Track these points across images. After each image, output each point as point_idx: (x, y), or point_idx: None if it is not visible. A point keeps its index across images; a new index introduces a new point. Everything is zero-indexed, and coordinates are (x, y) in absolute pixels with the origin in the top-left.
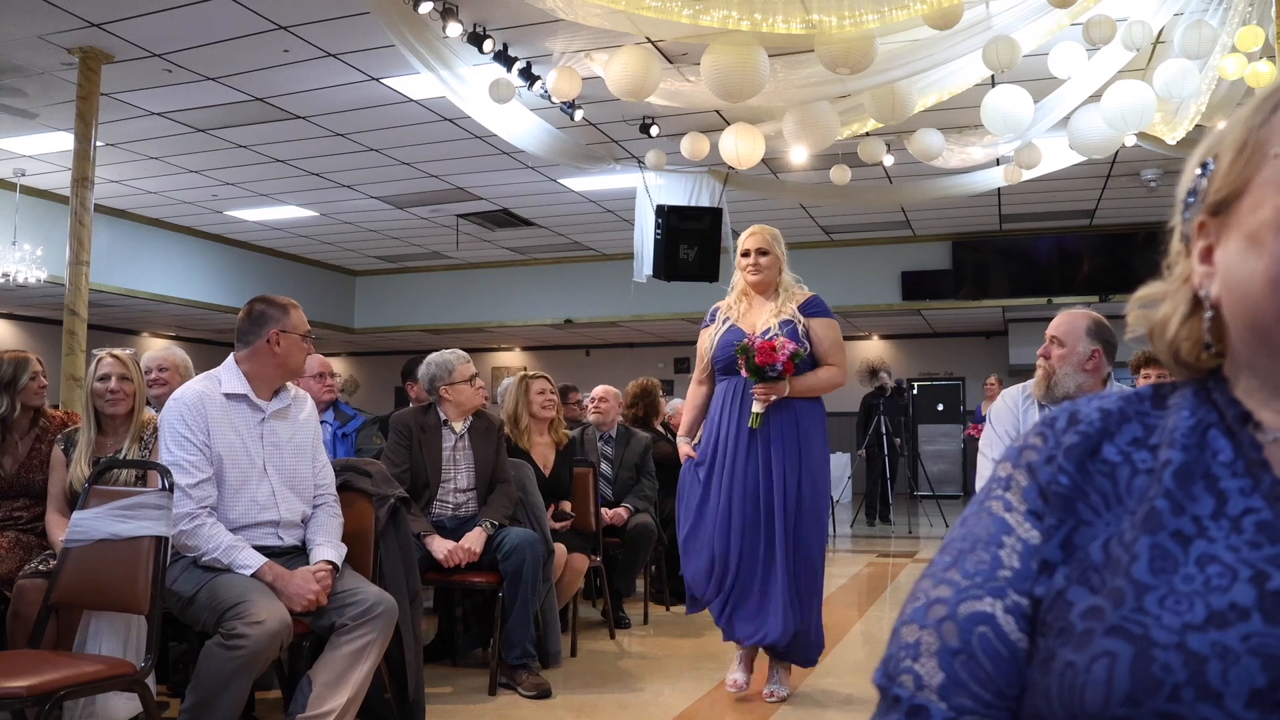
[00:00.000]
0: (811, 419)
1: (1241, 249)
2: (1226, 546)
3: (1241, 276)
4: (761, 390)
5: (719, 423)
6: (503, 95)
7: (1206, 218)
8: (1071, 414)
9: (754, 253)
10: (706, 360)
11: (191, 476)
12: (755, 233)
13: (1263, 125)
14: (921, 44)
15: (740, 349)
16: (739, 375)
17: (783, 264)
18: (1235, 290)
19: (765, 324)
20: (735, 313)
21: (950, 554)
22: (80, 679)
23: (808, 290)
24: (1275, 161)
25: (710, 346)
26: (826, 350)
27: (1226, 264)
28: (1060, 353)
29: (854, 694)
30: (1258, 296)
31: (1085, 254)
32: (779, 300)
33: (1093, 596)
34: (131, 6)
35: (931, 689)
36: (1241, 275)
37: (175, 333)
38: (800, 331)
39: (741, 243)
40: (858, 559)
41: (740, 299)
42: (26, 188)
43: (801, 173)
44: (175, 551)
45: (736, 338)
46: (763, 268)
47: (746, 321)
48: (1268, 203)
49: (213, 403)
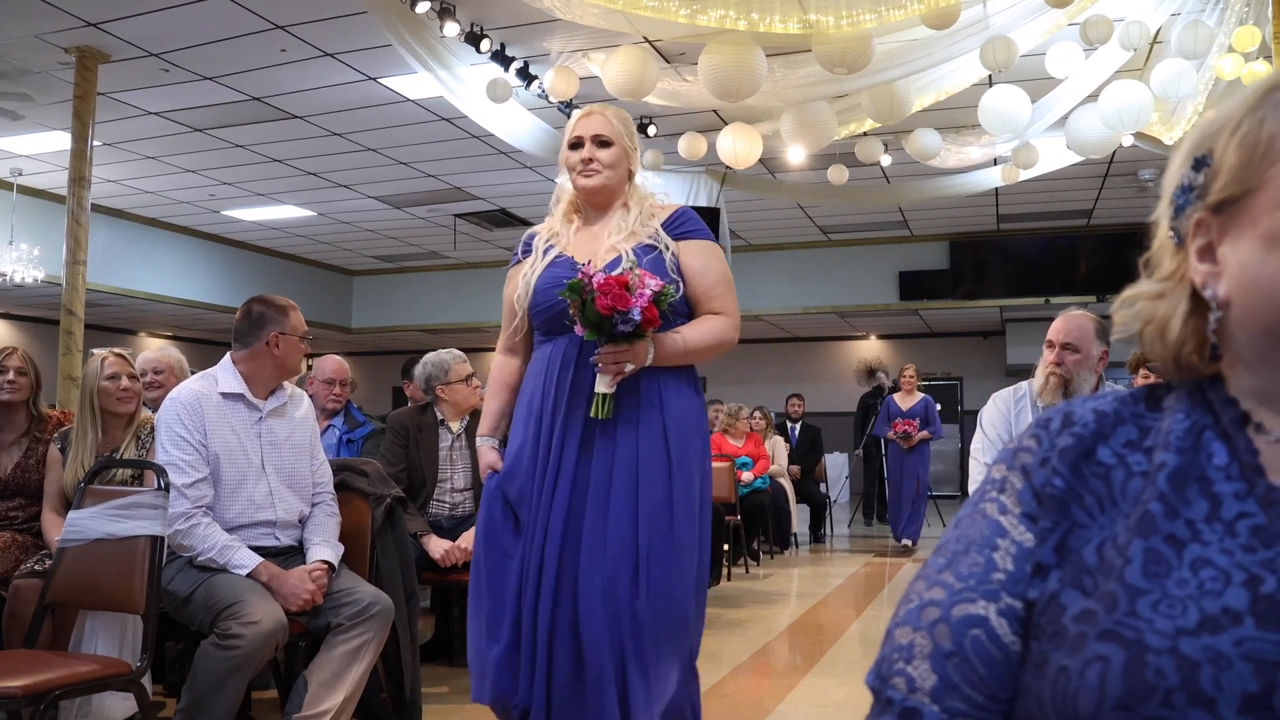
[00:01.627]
0: (684, 402)
1: (1261, 249)
2: (1220, 550)
3: (1262, 278)
4: (610, 356)
5: (539, 412)
6: (500, 95)
7: (1206, 215)
8: (1066, 415)
9: (589, 142)
10: (520, 314)
11: (187, 476)
12: (591, 113)
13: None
14: (919, 44)
15: (571, 288)
16: (571, 334)
17: (634, 162)
18: (1254, 291)
19: (611, 252)
20: (563, 239)
21: (944, 556)
22: (76, 679)
23: (675, 202)
24: None
25: (525, 292)
26: (708, 289)
27: (1241, 264)
28: (1075, 358)
29: (851, 694)
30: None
31: (1083, 254)
32: (631, 217)
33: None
34: (128, 6)
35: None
36: (1262, 276)
37: (172, 332)
38: (668, 262)
39: (570, 128)
40: (855, 559)
41: (569, 217)
42: (23, 187)
43: (799, 172)
44: (171, 551)
45: (565, 274)
46: (604, 165)
47: (580, 249)
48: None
49: (209, 402)
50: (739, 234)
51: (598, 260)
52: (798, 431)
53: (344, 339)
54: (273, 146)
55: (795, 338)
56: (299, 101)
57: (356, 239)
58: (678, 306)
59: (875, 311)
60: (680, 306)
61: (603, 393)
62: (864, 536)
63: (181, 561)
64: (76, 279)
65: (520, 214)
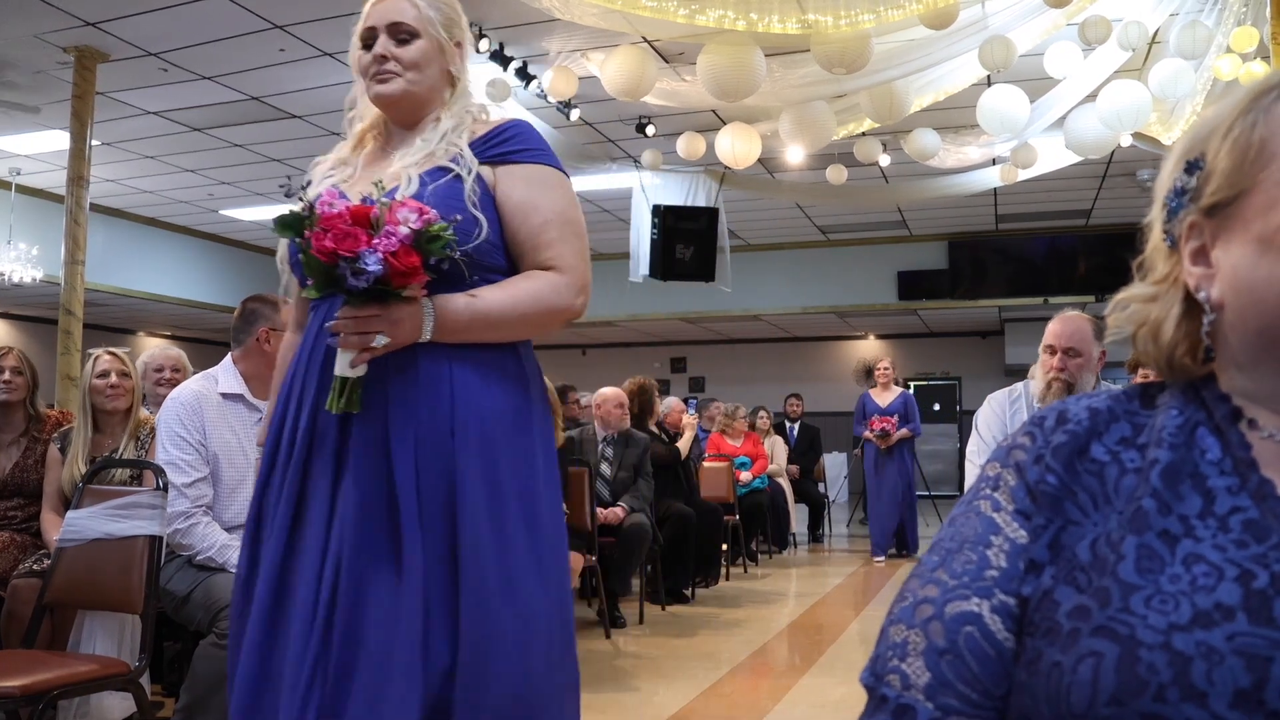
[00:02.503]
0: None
1: (1253, 252)
2: (1213, 546)
3: (1254, 281)
4: (348, 325)
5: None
6: (499, 94)
7: (1199, 218)
8: (1060, 413)
9: (384, 34)
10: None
11: (187, 475)
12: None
13: (1260, 123)
14: (917, 44)
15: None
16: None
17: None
18: (1247, 294)
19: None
20: (350, 168)
21: (938, 554)
22: (74, 679)
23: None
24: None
25: None
26: (534, 231)
27: (1234, 267)
28: (1078, 362)
29: (849, 694)
30: (1272, 301)
31: (1081, 254)
32: (437, 133)
33: (1079, 596)
34: (127, 5)
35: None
36: (1254, 280)
37: (171, 332)
38: (467, 192)
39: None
40: (853, 559)
41: (363, 140)
42: (22, 187)
43: (798, 172)
44: (170, 551)
45: None
46: (405, 66)
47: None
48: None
49: (209, 402)
50: (738, 234)
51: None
52: (796, 431)
53: None
54: (271, 146)
55: (794, 337)
56: (298, 101)
57: None
58: (490, 259)
59: (874, 311)
60: (496, 259)
61: (342, 376)
62: (863, 537)
63: (180, 561)
64: (75, 278)
65: None
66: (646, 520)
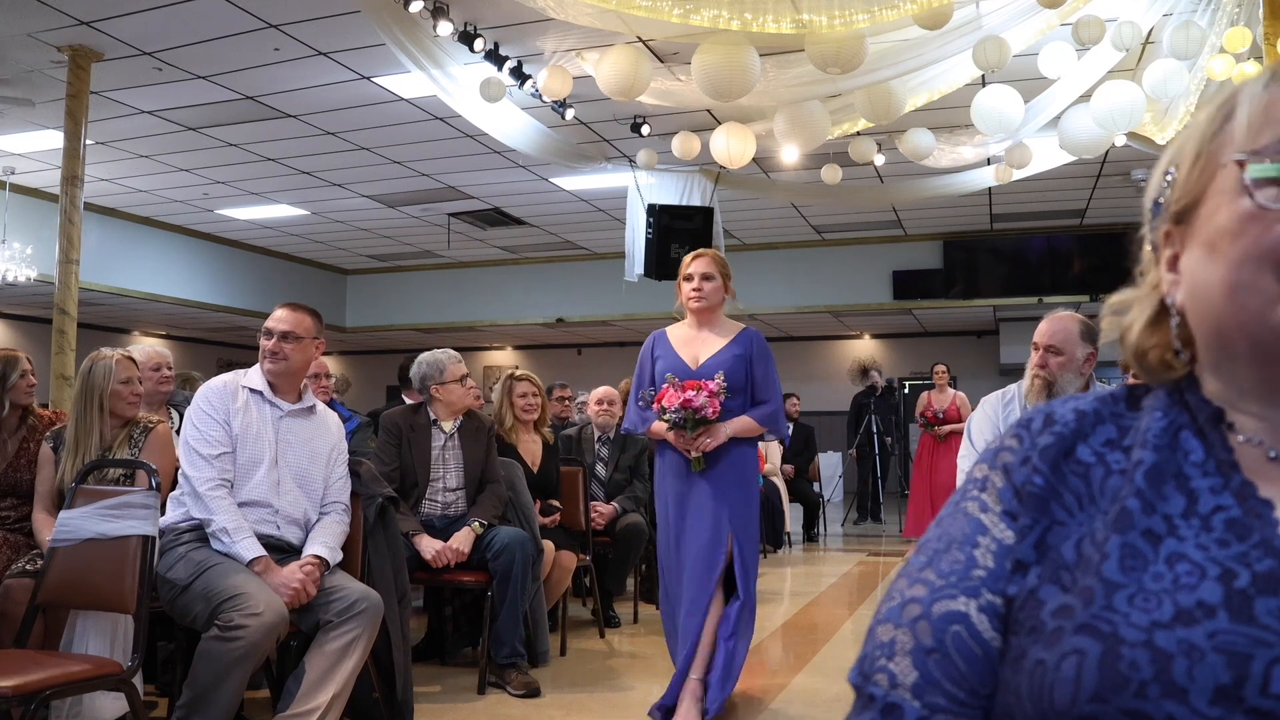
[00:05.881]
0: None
1: (1201, 256)
2: (1196, 545)
3: (1202, 283)
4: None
5: None
6: (494, 94)
7: (1171, 226)
8: (1047, 415)
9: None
10: None
11: (214, 449)
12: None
13: (1216, 135)
14: (911, 44)
15: None
16: None
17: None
18: (1197, 297)
19: None
20: None
21: (926, 554)
22: (67, 678)
23: None
24: (1228, 170)
25: None
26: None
27: (1190, 271)
28: (1059, 361)
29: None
30: (1217, 303)
31: (1076, 253)
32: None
33: (1064, 595)
34: (121, 4)
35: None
36: (1202, 282)
37: (166, 331)
38: None
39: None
40: (848, 558)
41: None
42: (16, 186)
43: (792, 172)
44: (167, 541)
45: None
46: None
47: None
48: (1222, 210)
49: (237, 391)
50: (733, 233)
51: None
52: (791, 431)
53: (338, 338)
54: (266, 145)
55: (789, 337)
56: (292, 100)
57: (350, 238)
58: None
59: (869, 311)
60: None
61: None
62: (857, 536)
63: (180, 551)
64: (69, 278)
65: (514, 213)
66: (642, 520)
